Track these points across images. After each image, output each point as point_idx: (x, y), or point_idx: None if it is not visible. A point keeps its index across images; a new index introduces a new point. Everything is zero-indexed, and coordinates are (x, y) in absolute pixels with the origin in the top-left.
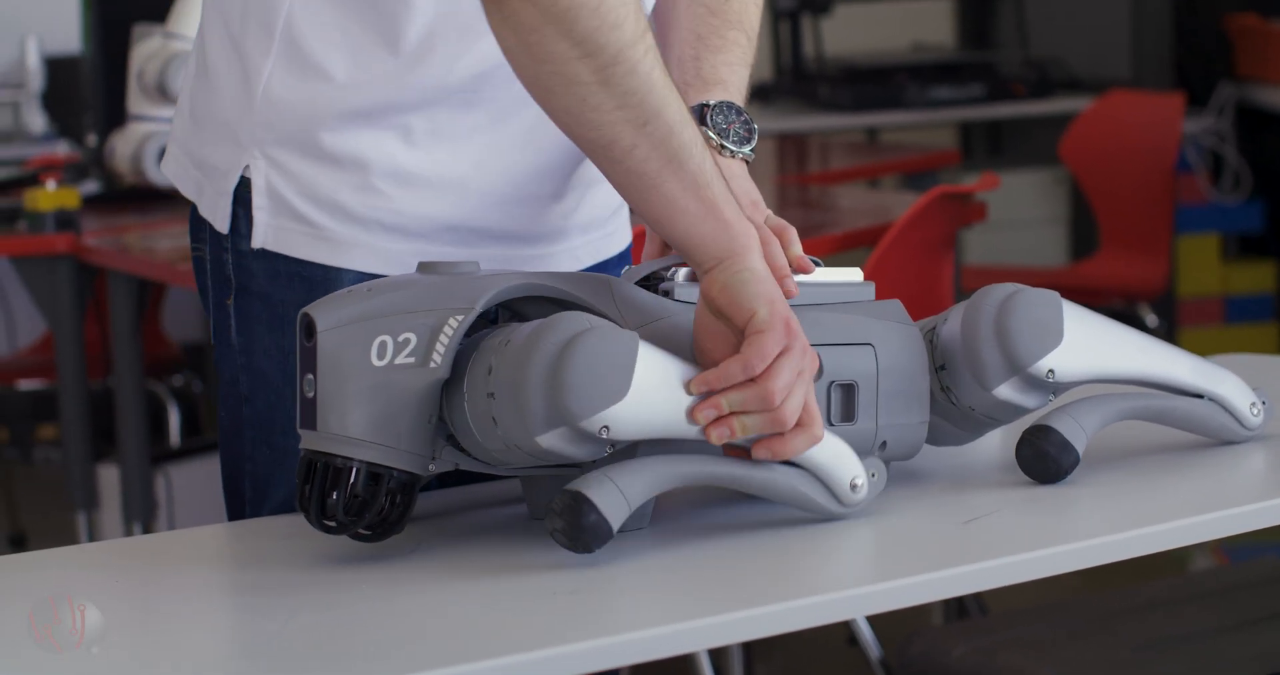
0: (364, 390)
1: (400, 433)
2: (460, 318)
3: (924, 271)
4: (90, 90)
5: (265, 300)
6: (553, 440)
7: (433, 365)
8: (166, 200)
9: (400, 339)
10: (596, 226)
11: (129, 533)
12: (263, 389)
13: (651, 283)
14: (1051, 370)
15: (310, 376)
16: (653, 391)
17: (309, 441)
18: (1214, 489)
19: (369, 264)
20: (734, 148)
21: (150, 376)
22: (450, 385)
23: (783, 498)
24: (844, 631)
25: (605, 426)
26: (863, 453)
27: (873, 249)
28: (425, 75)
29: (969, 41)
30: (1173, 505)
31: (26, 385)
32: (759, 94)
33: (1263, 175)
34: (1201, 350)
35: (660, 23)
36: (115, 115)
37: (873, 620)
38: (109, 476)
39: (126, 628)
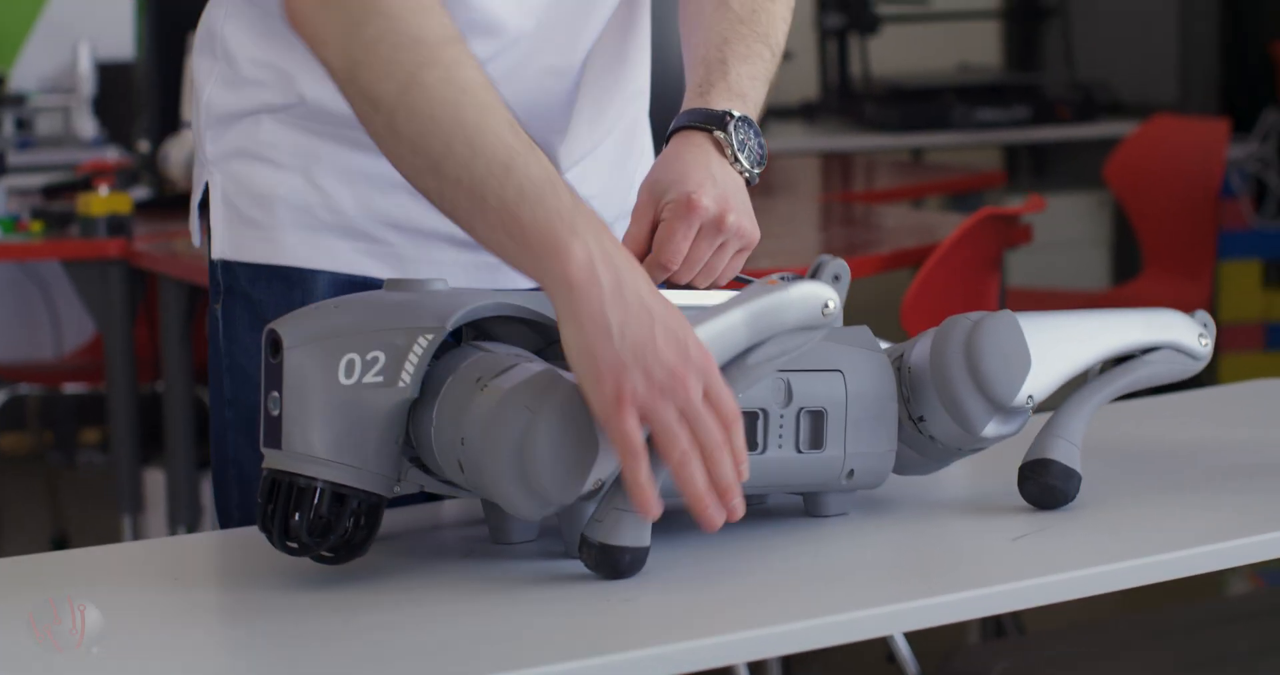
0: (330, 409)
1: (366, 453)
2: (429, 337)
3: (969, 292)
4: (142, 97)
5: (247, 300)
6: (538, 512)
7: (401, 385)
8: None
9: (368, 357)
10: None
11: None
12: (245, 389)
13: None
14: (1030, 396)
15: (275, 394)
16: None
17: (272, 460)
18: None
19: (319, 262)
20: (746, 165)
21: (196, 382)
22: (417, 406)
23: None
24: (883, 648)
25: (590, 490)
26: (831, 481)
27: (916, 269)
28: None
29: (1015, 63)
30: (1195, 523)
31: (72, 389)
32: (804, 112)
33: None
34: (1242, 376)
35: (685, 17)
36: (168, 122)
37: (911, 638)
38: (155, 480)
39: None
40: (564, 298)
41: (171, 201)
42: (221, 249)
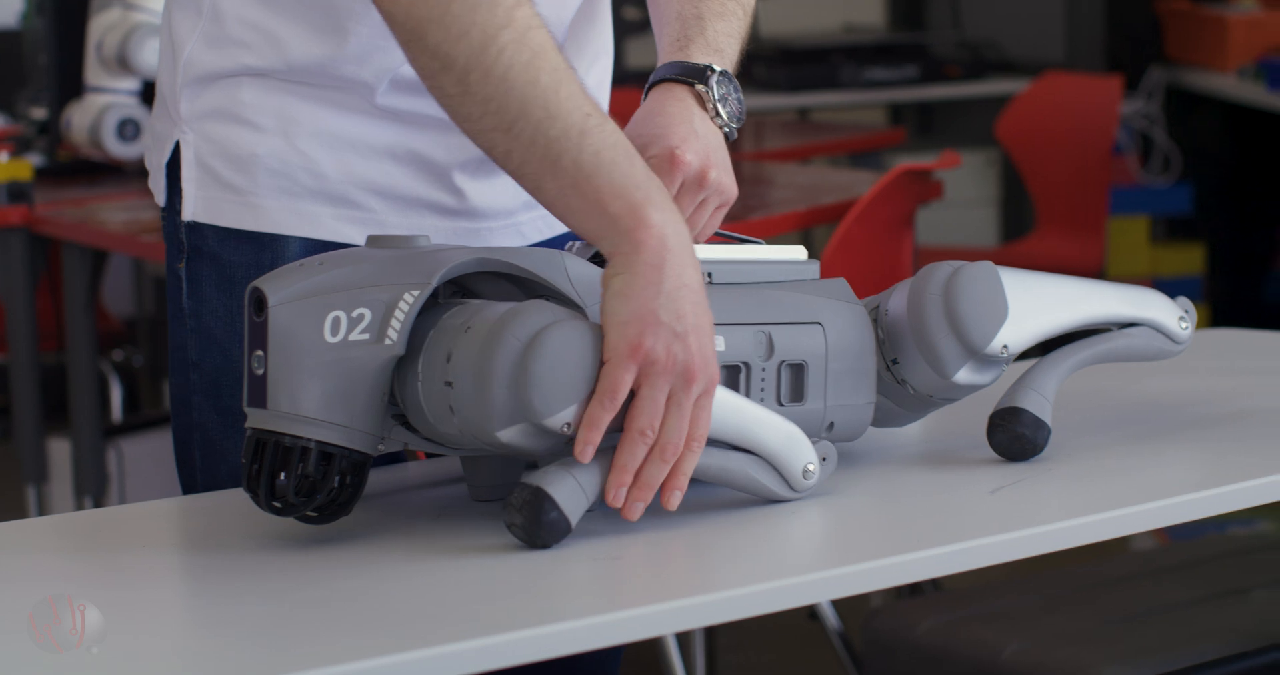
0: (316, 367)
1: (354, 412)
2: (416, 293)
3: (885, 250)
4: (33, 63)
5: (214, 261)
6: (513, 436)
7: (388, 342)
8: (114, 173)
9: (354, 315)
10: None
11: (80, 506)
12: (211, 351)
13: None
14: (1005, 345)
15: (260, 353)
16: None
17: (257, 420)
18: (1205, 459)
19: (297, 228)
20: (726, 120)
21: (99, 351)
22: (402, 363)
23: (735, 484)
24: (805, 606)
25: (567, 423)
26: (811, 434)
27: (821, 227)
28: (361, 66)
29: (899, 23)
30: (1169, 473)
31: None
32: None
33: (1192, 158)
34: None
35: None
36: (67, 88)
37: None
38: (59, 450)
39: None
40: (626, 254)
41: (70, 168)
42: (193, 210)
